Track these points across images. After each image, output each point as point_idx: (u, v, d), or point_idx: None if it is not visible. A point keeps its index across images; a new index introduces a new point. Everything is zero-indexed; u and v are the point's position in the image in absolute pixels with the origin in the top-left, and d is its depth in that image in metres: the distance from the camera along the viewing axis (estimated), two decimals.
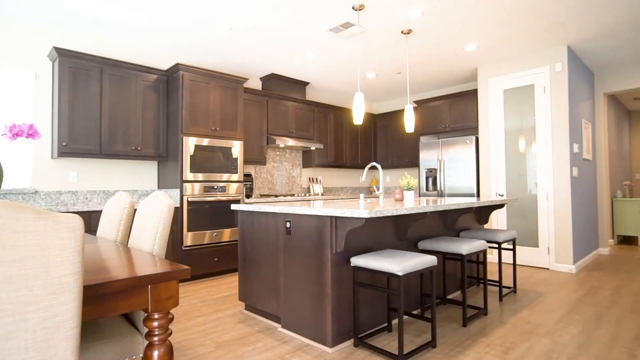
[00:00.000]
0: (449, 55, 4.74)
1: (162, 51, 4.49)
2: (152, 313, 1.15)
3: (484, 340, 2.49)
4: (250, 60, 4.84)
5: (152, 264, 1.27)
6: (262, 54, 4.64)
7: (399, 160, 6.65)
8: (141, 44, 4.25)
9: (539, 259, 4.60)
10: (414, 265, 2.18)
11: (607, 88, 5.46)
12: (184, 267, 1.19)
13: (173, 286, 1.18)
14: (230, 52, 4.55)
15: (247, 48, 4.43)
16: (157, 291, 1.15)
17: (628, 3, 3.44)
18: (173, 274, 1.14)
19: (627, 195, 6.44)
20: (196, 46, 4.35)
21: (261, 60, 4.87)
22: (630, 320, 2.80)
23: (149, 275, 1.11)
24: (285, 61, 4.91)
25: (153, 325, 1.15)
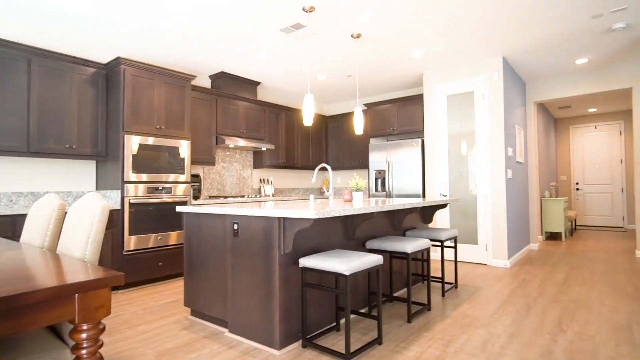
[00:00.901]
0: (396, 60, 4.91)
1: (102, 43, 4.21)
2: (79, 324, 1.06)
3: (427, 334, 2.60)
4: (199, 57, 4.68)
5: (82, 270, 1.18)
6: (212, 52, 4.51)
7: (349, 161, 6.77)
8: (78, 34, 3.95)
9: (478, 256, 4.90)
10: (361, 264, 2.23)
11: (536, 97, 5.95)
12: (117, 274, 1.11)
13: (104, 294, 1.10)
14: (177, 48, 4.37)
15: (196, 45, 4.29)
16: (86, 300, 1.07)
17: (552, 23, 3.77)
18: (104, 281, 1.07)
19: (553, 195, 7.06)
20: (141, 40, 4.13)
21: (210, 58, 4.73)
22: (553, 309, 3.06)
23: (76, 283, 1.03)
24: (235, 60, 4.81)
25: (81, 337, 1.07)
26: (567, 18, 3.72)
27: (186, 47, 4.36)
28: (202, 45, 4.32)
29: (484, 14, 3.64)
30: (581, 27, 3.94)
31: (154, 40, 4.15)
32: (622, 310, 3.02)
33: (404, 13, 3.59)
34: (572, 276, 4.17)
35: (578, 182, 8.88)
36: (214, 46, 4.34)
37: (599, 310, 3.04)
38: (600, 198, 8.60)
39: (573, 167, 8.95)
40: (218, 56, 4.67)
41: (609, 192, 8.49)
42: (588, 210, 8.76)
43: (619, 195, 8.37)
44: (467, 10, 3.56)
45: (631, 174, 8.23)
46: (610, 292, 3.53)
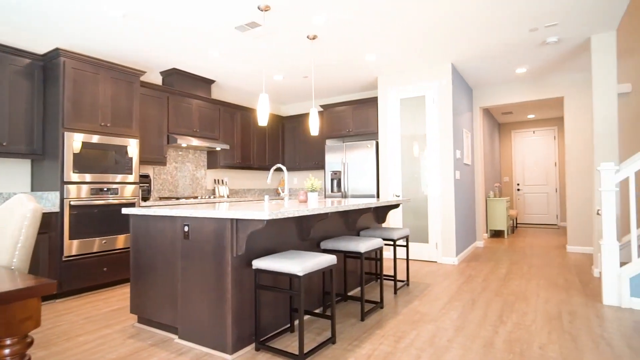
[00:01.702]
0: (352, 63, 4.99)
1: (38, 32, 3.90)
2: (1, 339, 0.97)
3: (379, 332, 2.66)
4: (149, 52, 4.48)
5: (6, 279, 1.08)
6: (163, 47, 4.33)
7: (306, 162, 6.78)
8: (9, 21, 3.63)
9: (429, 254, 5.11)
10: (314, 265, 2.24)
11: (482, 103, 6.31)
12: (48, 282, 1.03)
13: (32, 305, 1.01)
14: (124, 41, 4.15)
15: (145, 39, 4.09)
16: (10, 311, 0.98)
17: (495, 34, 4.02)
18: (32, 290, 0.98)
19: (497, 195, 7.52)
20: (83, 31, 3.87)
21: (161, 54, 4.54)
22: (495, 302, 3.26)
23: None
24: (188, 56, 4.65)
25: (3, 353, 0.98)
26: (507, 30, 3.98)
27: (134, 41, 4.15)
28: (152, 40, 4.13)
29: (434, 23, 3.80)
30: (520, 39, 4.23)
31: (98, 32, 3.91)
32: (554, 301, 3.27)
33: (358, 17, 3.66)
34: (513, 271, 4.46)
35: (519, 183, 9.53)
36: (164, 41, 4.17)
37: (535, 301, 3.28)
38: (538, 198, 9.29)
39: (514, 169, 9.59)
40: (169, 52, 4.49)
41: (545, 193, 9.20)
42: (527, 209, 9.42)
43: (554, 195, 9.09)
44: (418, 18, 3.70)
45: (563, 176, 8.96)
46: (545, 285, 3.81)
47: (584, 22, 3.82)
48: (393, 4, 3.42)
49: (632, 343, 2.39)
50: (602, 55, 4.10)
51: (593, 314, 2.93)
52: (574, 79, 5.59)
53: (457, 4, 3.43)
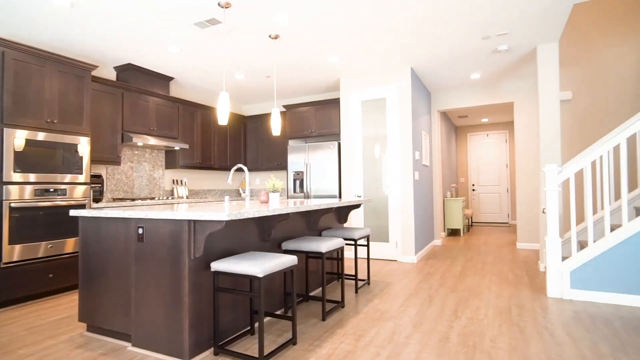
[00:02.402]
0: (314, 64, 5.01)
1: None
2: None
3: (340, 331, 2.69)
4: (101, 46, 4.25)
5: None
6: (116, 41, 4.13)
7: (268, 162, 6.73)
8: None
9: (389, 253, 5.23)
10: (275, 265, 2.22)
11: (440, 106, 6.55)
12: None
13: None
14: (73, 33, 3.91)
15: (96, 32, 3.88)
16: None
17: (451, 41, 4.19)
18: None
19: (453, 195, 7.84)
20: (28, 21, 3.61)
21: (115, 48, 4.33)
22: (451, 298, 3.39)
23: None
24: (145, 52, 4.47)
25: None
26: (462, 38, 4.17)
27: (84, 33, 3.93)
28: (104, 33, 3.93)
29: (394, 28, 3.90)
30: (474, 46, 4.44)
31: (44, 22, 3.66)
32: (505, 295, 3.46)
33: (320, 19, 3.68)
34: (468, 268, 4.66)
35: (474, 184, 9.99)
36: (118, 35, 3.98)
37: (487, 296, 3.44)
38: (491, 198, 9.78)
39: (470, 170, 10.03)
40: (124, 46, 4.29)
41: (498, 193, 9.70)
42: (482, 209, 9.89)
43: (505, 195, 9.61)
44: (378, 22, 3.78)
45: (513, 177, 9.50)
46: (496, 280, 4.02)
47: (531, 32, 4.07)
48: (354, 8, 3.47)
49: (571, 332, 2.57)
50: (547, 64, 4.39)
51: (538, 306, 3.13)
52: (522, 86, 5.95)
53: (416, 11, 3.55)
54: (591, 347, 2.32)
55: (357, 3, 3.39)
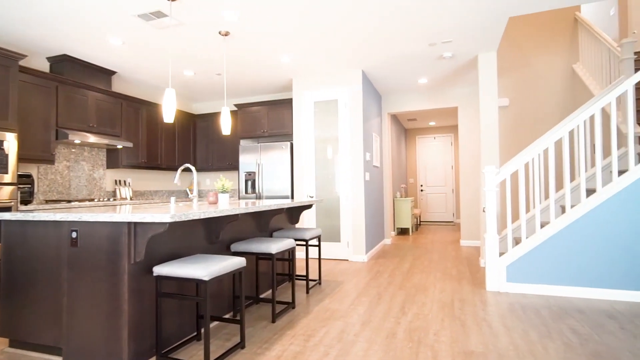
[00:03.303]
0: (267, 63, 4.96)
1: None
2: None
3: (290, 332, 2.67)
4: (31, 34, 3.90)
5: None
6: (48, 29, 3.81)
7: (219, 162, 6.55)
8: None
9: (341, 252, 5.29)
10: (222, 268, 2.16)
11: (390, 109, 6.75)
12: None
13: None
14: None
15: (24, 17, 3.56)
16: None
17: (399, 45, 4.33)
18: None
19: (403, 195, 8.12)
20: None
21: (47, 37, 3.99)
22: (398, 295, 3.50)
23: None
24: (83, 42, 4.17)
25: None
26: (410, 43, 4.32)
27: (9, 19, 3.59)
28: (32, 19, 3.61)
29: (345, 30, 3.96)
30: (421, 52, 4.63)
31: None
32: (448, 290, 3.63)
33: (272, 18, 3.64)
34: (415, 265, 4.84)
35: (422, 184, 10.41)
36: (50, 22, 3.67)
37: (433, 292, 3.59)
38: (438, 198, 10.26)
39: (418, 171, 10.45)
40: (58, 35, 3.97)
41: (444, 193, 10.19)
42: (429, 208, 10.34)
43: (451, 195, 10.12)
44: (330, 25, 3.81)
45: (458, 178, 10.02)
46: (441, 276, 4.21)
47: (472, 41, 4.32)
48: (305, 10, 3.47)
49: (506, 322, 2.76)
50: (486, 71, 4.67)
51: (478, 300, 3.31)
52: (465, 92, 6.29)
53: (366, 16, 3.62)
54: (522, 336, 2.50)
55: (308, 6, 3.40)
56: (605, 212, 3.31)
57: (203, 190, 7.02)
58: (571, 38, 5.47)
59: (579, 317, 2.85)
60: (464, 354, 2.26)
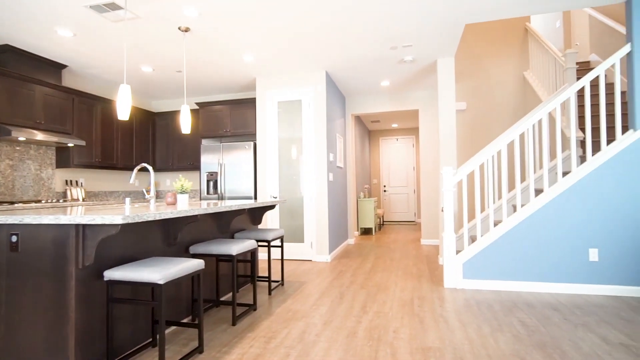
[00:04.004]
0: (229, 62, 4.87)
1: None
2: None
3: (250, 334, 2.63)
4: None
5: None
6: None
7: (180, 162, 6.36)
8: None
9: (305, 253, 5.29)
10: (178, 271, 2.09)
11: (354, 110, 6.84)
12: None
13: None
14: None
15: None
16: None
17: (362, 48, 4.40)
18: None
19: (366, 195, 8.25)
20: None
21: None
22: (360, 294, 3.55)
23: None
24: (28, 33, 3.90)
25: None
26: (373, 46, 4.40)
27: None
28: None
29: (308, 31, 3.96)
30: (383, 55, 4.72)
31: None
32: (408, 289, 3.72)
33: (233, 15, 3.58)
34: (377, 264, 4.93)
35: (385, 185, 10.62)
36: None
37: (393, 290, 3.67)
38: (400, 198, 10.51)
39: (382, 172, 10.66)
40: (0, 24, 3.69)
41: (406, 193, 10.46)
42: (392, 208, 10.57)
43: (412, 195, 10.40)
44: (293, 25, 3.80)
45: (419, 179, 10.32)
46: (402, 275, 4.31)
47: (431, 46, 4.46)
48: (267, 9, 3.44)
49: (462, 318, 2.87)
50: (445, 76, 4.84)
51: (436, 297, 3.42)
52: (426, 95, 6.49)
53: (329, 17, 3.64)
54: (476, 330, 2.61)
55: (269, 5, 3.37)
56: (550, 210, 3.53)
57: (163, 191, 6.78)
58: (522, 47, 5.79)
59: (527, 310, 3.01)
60: (422, 349, 2.32)
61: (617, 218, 3.40)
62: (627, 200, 3.39)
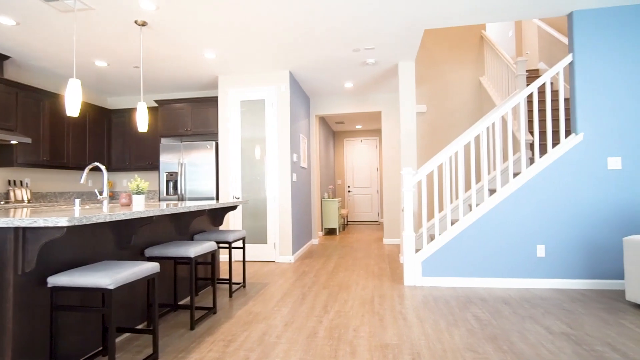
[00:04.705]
0: (190, 58, 4.73)
1: None
2: None
3: (209, 338, 2.56)
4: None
5: None
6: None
7: (137, 162, 6.11)
8: None
9: (268, 254, 5.24)
10: (130, 275, 2.00)
11: (318, 111, 6.86)
12: None
13: None
14: None
15: None
16: None
17: (325, 49, 4.42)
18: None
19: (330, 196, 8.30)
20: None
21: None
22: (322, 294, 3.56)
23: None
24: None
25: None
26: (336, 47, 4.44)
27: None
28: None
29: (271, 30, 3.93)
30: (346, 57, 4.77)
31: None
32: (370, 287, 3.78)
33: (194, 10, 3.48)
34: (340, 264, 4.97)
35: (349, 185, 10.75)
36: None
37: (355, 289, 3.72)
38: (364, 198, 10.67)
39: (346, 172, 10.77)
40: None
41: (370, 194, 10.64)
42: (356, 208, 10.71)
43: (376, 196, 10.59)
44: (255, 23, 3.76)
45: (382, 179, 10.53)
46: (364, 274, 4.37)
47: (393, 50, 4.56)
48: (227, 5, 3.38)
49: (420, 314, 2.95)
50: (406, 79, 4.97)
51: (396, 295, 3.50)
52: (388, 97, 6.63)
53: (292, 17, 3.63)
54: (432, 325, 2.69)
55: (231, 1, 3.31)
56: (503, 209, 3.71)
57: (119, 191, 6.48)
58: (478, 54, 6.06)
59: (481, 304, 3.15)
60: (380, 347, 2.36)
61: (562, 216, 3.63)
62: (570, 200, 3.63)
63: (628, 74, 3.59)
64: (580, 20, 3.67)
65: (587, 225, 3.60)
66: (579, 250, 3.60)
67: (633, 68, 3.58)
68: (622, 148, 3.58)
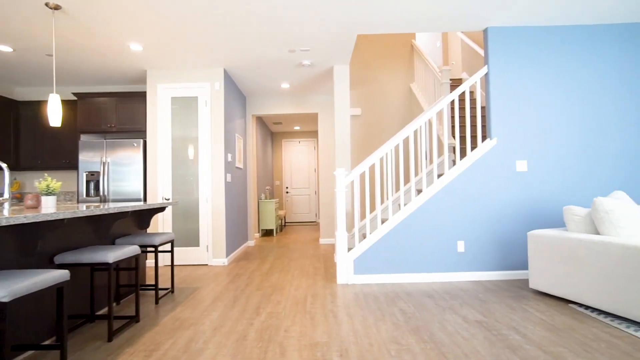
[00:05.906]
0: (113, 50, 4.40)
1: None
2: None
3: (129, 349, 2.40)
4: None
5: None
6: None
7: (53, 160, 5.54)
8: None
9: (200, 257, 5.04)
10: (31, 285, 1.80)
11: (255, 111, 6.77)
12: None
13: None
14: None
15: None
16: None
17: (261, 48, 4.37)
18: None
19: (268, 197, 8.23)
20: None
21: None
22: (255, 297, 3.51)
23: None
24: None
25: None
26: (271, 47, 4.41)
27: None
28: None
29: (203, 26, 3.79)
30: (282, 57, 4.76)
31: None
32: (303, 287, 3.81)
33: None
34: (275, 265, 4.94)
35: (288, 186, 10.74)
36: None
37: (289, 290, 3.71)
38: (302, 199, 10.73)
39: (284, 173, 10.75)
40: None
41: (307, 195, 10.72)
42: (294, 209, 10.73)
43: (313, 196, 10.71)
44: (187, 15, 3.60)
45: (319, 180, 10.69)
46: (298, 274, 4.39)
47: (327, 53, 4.64)
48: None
49: (350, 311, 3.03)
50: (340, 82, 5.09)
51: (329, 293, 3.56)
52: (324, 99, 6.74)
53: (225, 12, 3.54)
54: (361, 321, 2.78)
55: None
56: (428, 208, 3.95)
57: (29, 193, 5.82)
58: (409, 61, 6.40)
59: (407, 299, 3.32)
60: (310, 345, 2.38)
61: (479, 213, 3.96)
62: (485, 198, 3.96)
63: (535, 86, 4.02)
64: (494, 36, 4.03)
65: (499, 222, 3.96)
66: (492, 245, 3.95)
67: (539, 81, 4.02)
68: (528, 152, 4.00)
